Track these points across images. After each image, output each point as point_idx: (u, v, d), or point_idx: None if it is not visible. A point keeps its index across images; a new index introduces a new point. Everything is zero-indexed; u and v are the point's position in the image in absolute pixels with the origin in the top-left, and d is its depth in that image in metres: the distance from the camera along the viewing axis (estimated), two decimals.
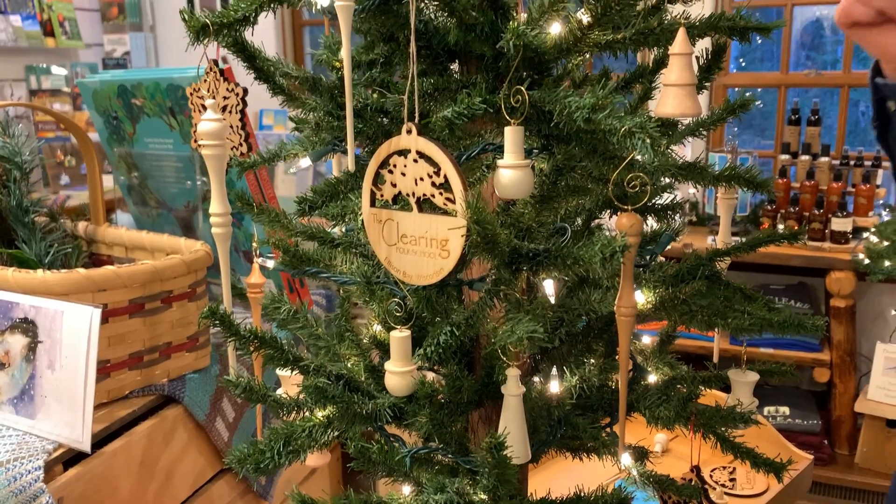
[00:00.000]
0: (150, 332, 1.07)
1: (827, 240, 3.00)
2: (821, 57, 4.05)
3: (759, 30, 0.85)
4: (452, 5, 0.68)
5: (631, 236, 0.70)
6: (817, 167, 3.08)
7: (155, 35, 3.96)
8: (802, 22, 3.86)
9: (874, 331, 3.25)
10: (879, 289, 3.12)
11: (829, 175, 3.06)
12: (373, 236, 0.78)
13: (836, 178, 3.02)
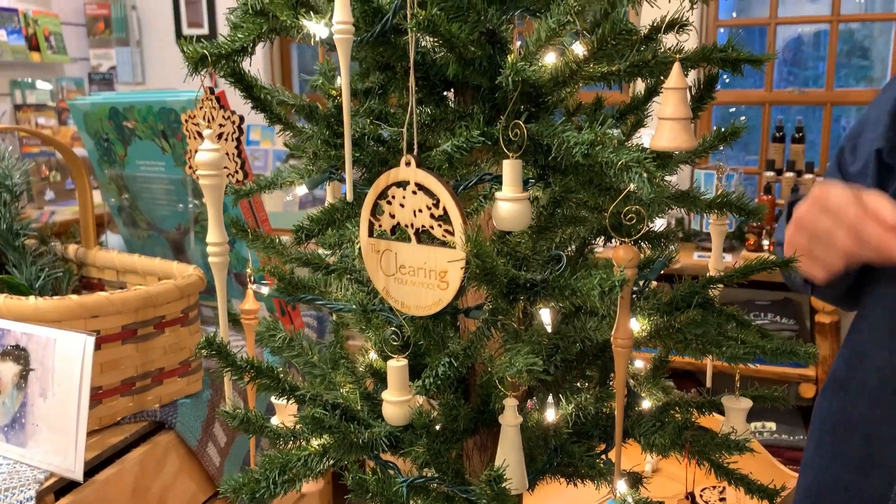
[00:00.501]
0: (143, 357, 1.07)
1: None
2: (802, 73, 4.11)
3: (751, 61, 0.87)
4: (452, 42, 0.69)
5: (629, 269, 0.71)
6: (802, 184, 3.11)
7: (141, 50, 3.95)
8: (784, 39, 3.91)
9: None
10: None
11: None
12: (371, 266, 0.78)
13: None
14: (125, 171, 1.36)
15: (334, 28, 0.73)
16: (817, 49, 4.03)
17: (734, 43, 0.90)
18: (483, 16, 0.73)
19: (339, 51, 0.75)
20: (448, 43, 0.70)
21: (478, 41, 0.73)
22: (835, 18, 3.38)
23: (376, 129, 0.85)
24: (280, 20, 0.77)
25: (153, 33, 3.94)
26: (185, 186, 1.28)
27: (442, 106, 0.84)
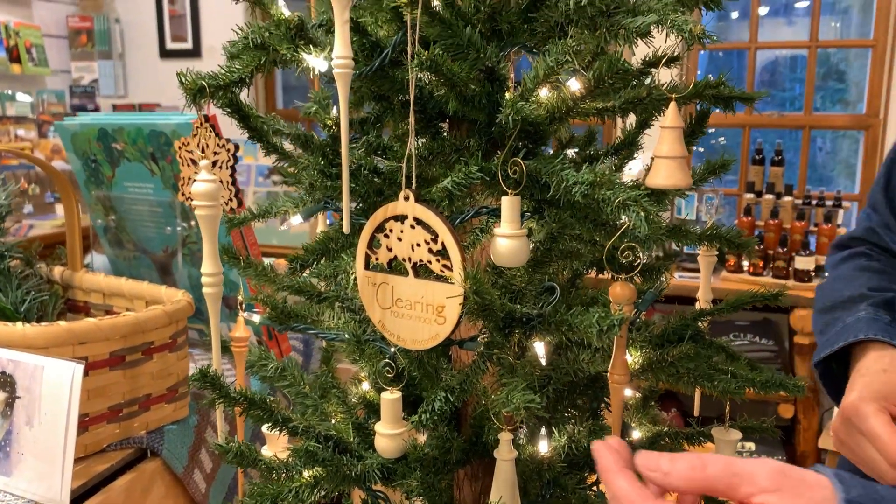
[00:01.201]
0: (130, 384, 1.06)
1: (791, 277, 3.07)
2: (779, 94, 4.17)
3: (743, 99, 0.88)
4: (453, 80, 0.70)
5: (626, 306, 0.71)
6: (781, 206, 3.16)
7: (124, 63, 3.93)
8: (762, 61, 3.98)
9: None
10: None
11: (793, 214, 3.14)
12: (366, 299, 0.78)
13: (800, 217, 3.10)
14: (112, 192, 1.34)
15: (334, 62, 0.74)
16: (794, 70, 4.10)
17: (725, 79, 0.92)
18: (482, 53, 0.74)
19: (339, 85, 0.75)
20: (449, 82, 0.70)
21: (477, 79, 0.74)
22: (813, 44, 3.44)
23: (372, 161, 0.85)
24: (280, 53, 0.77)
25: (136, 47, 3.92)
26: (174, 209, 1.28)
27: (439, 139, 0.84)
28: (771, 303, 0.95)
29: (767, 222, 3.15)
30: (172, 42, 3.80)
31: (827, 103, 3.79)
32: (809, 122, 3.46)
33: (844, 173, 3.93)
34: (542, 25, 0.79)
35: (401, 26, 0.80)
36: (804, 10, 3.69)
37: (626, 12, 0.74)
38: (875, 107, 3.35)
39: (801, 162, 3.50)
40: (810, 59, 3.46)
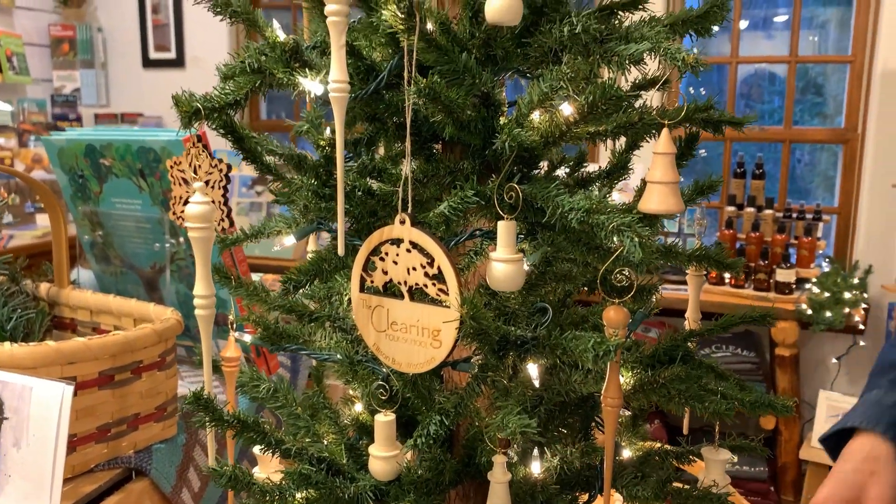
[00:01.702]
0: (119, 403, 1.05)
1: (772, 290, 3.10)
2: (758, 105, 4.23)
3: (732, 123, 0.90)
4: (450, 107, 0.70)
5: (620, 330, 0.72)
6: (762, 219, 3.19)
7: (106, 73, 3.90)
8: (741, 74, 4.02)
9: (816, 378, 3.36)
10: (821, 338, 3.23)
11: (773, 227, 3.17)
12: (361, 322, 0.78)
13: (780, 230, 3.13)
14: (100, 207, 1.34)
15: (330, 86, 0.74)
16: (773, 83, 4.15)
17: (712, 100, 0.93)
18: (478, 79, 0.74)
19: (335, 109, 0.75)
20: (446, 109, 0.71)
21: (472, 104, 0.75)
22: (793, 59, 3.49)
23: (366, 182, 0.86)
24: (276, 77, 0.77)
25: (119, 56, 3.90)
26: (162, 225, 1.27)
27: (433, 161, 0.85)
28: (759, 324, 0.96)
29: (749, 235, 3.18)
30: (156, 52, 3.78)
31: (805, 116, 3.84)
32: (789, 135, 3.51)
33: (823, 185, 3.98)
34: (535, 50, 0.80)
35: (396, 50, 0.81)
36: (783, 24, 3.74)
37: (619, 39, 0.75)
38: (853, 121, 3.40)
39: (782, 175, 3.55)
40: (790, 74, 3.51)
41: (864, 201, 3.29)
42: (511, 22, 0.73)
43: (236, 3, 0.82)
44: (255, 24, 0.84)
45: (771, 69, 3.95)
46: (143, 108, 3.87)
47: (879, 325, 3.20)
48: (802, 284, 3.09)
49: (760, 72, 4.19)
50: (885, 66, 3.18)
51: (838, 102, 3.63)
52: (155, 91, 3.86)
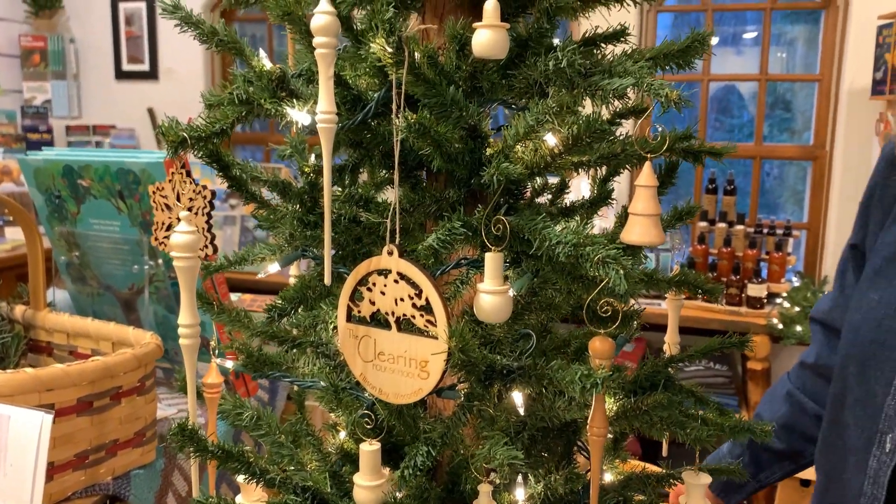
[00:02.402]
0: (98, 430, 1.04)
1: (743, 304, 3.15)
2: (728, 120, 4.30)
3: (713, 154, 0.91)
4: (439, 142, 0.71)
5: (605, 360, 0.73)
6: (733, 235, 3.24)
7: (79, 84, 3.86)
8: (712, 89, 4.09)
9: None
10: (792, 352, 3.28)
11: (745, 242, 3.22)
12: (348, 351, 0.78)
13: (751, 245, 3.18)
14: (77, 228, 1.32)
15: (318, 117, 0.74)
16: (741, 98, 4.22)
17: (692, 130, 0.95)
18: (465, 112, 0.75)
19: (323, 140, 0.76)
20: (435, 143, 0.71)
21: (460, 136, 0.75)
22: (763, 77, 3.56)
23: (353, 210, 0.86)
24: (264, 108, 0.77)
25: (91, 68, 3.86)
26: (141, 247, 1.26)
27: (418, 189, 0.85)
28: (738, 349, 0.98)
29: (721, 250, 3.23)
30: (129, 63, 3.75)
31: (774, 131, 3.91)
32: (760, 152, 3.57)
33: (792, 199, 4.05)
34: (520, 82, 0.81)
35: (383, 81, 0.81)
36: (752, 41, 3.81)
37: (603, 72, 0.76)
38: (822, 138, 3.47)
39: (752, 191, 3.61)
40: (760, 92, 3.57)
41: (833, 217, 3.36)
42: (498, 56, 0.74)
43: (222, 31, 0.82)
44: (241, 52, 0.84)
45: (741, 85, 4.02)
46: (116, 120, 3.83)
47: None
48: (773, 299, 3.14)
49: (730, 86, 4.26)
50: (852, 86, 3.26)
51: (806, 118, 3.70)
52: (128, 103, 3.83)
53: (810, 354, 1.26)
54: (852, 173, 3.27)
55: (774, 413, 1.25)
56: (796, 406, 1.23)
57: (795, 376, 1.27)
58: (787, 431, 1.22)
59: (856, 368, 0.82)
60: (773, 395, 1.29)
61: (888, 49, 2.86)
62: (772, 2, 3.51)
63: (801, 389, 1.24)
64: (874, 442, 0.73)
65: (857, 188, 3.22)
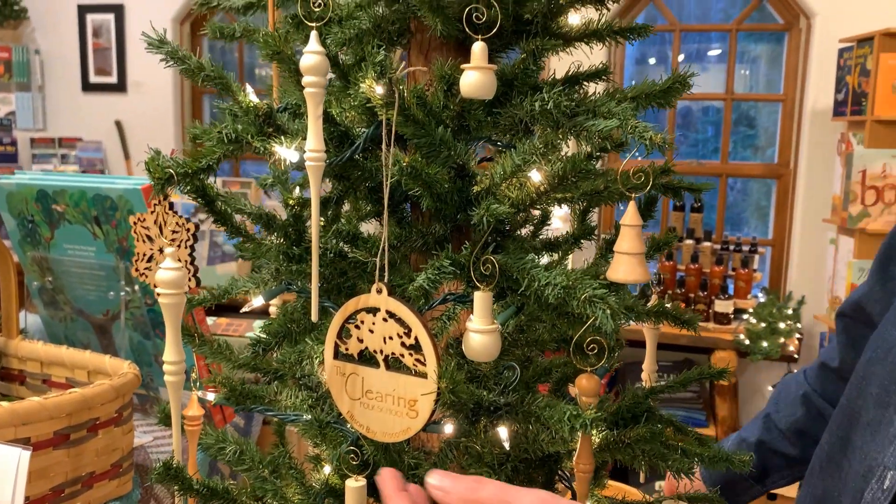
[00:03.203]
0: (74, 463, 1.02)
1: (711, 320, 3.20)
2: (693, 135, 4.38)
3: (692, 190, 0.94)
4: (429, 183, 0.71)
5: (591, 398, 0.74)
6: (701, 251, 3.30)
7: (44, 96, 3.79)
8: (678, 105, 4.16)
9: (754, 406, 3.47)
10: (758, 366, 3.34)
11: (712, 259, 3.28)
12: (335, 389, 0.78)
13: (718, 262, 3.24)
14: (50, 253, 1.30)
15: (306, 155, 0.75)
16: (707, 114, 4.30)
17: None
18: (453, 151, 0.76)
19: (311, 177, 0.76)
20: (425, 184, 0.72)
21: (448, 176, 0.76)
22: (729, 96, 3.63)
23: (338, 245, 0.86)
24: (252, 146, 0.78)
25: (57, 79, 3.80)
26: (118, 273, 1.25)
27: (405, 225, 0.86)
28: (717, 379, 1.00)
29: (688, 266, 3.28)
30: (96, 75, 3.70)
31: (738, 148, 3.98)
32: (726, 170, 3.64)
33: (756, 215, 4.13)
34: (506, 120, 0.82)
35: (371, 118, 0.82)
36: (716, 58, 3.89)
37: (587, 112, 0.78)
38: (786, 157, 3.55)
39: (719, 209, 3.67)
40: (726, 111, 3.64)
41: (797, 234, 3.43)
42: (485, 97, 0.75)
43: (209, 67, 0.82)
44: (227, 87, 0.83)
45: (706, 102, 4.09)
46: (82, 133, 3.77)
47: (812, 354, 3.33)
48: (740, 315, 3.20)
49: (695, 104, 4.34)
50: (815, 106, 3.34)
51: (769, 135, 3.78)
52: (95, 115, 3.78)
53: (833, 357, 1.15)
54: (815, 191, 3.35)
55: (789, 416, 1.17)
56: (813, 410, 1.15)
57: (814, 378, 1.18)
58: (800, 437, 1.15)
59: (877, 389, 0.75)
60: (787, 396, 1.20)
61: (849, 71, 2.94)
62: (737, 23, 3.59)
63: (821, 393, 1.16)
64: (874, 473, 0.70)
65: (819, 206, 3.30)
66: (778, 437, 1.16)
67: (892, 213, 2.80)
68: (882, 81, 2.75)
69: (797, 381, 1.19)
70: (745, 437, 1.21)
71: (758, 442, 1.17)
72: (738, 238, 3.43)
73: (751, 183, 3.95)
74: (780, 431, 1.16)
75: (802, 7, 3.34)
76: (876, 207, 2.81)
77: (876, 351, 0.77)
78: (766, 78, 3.87)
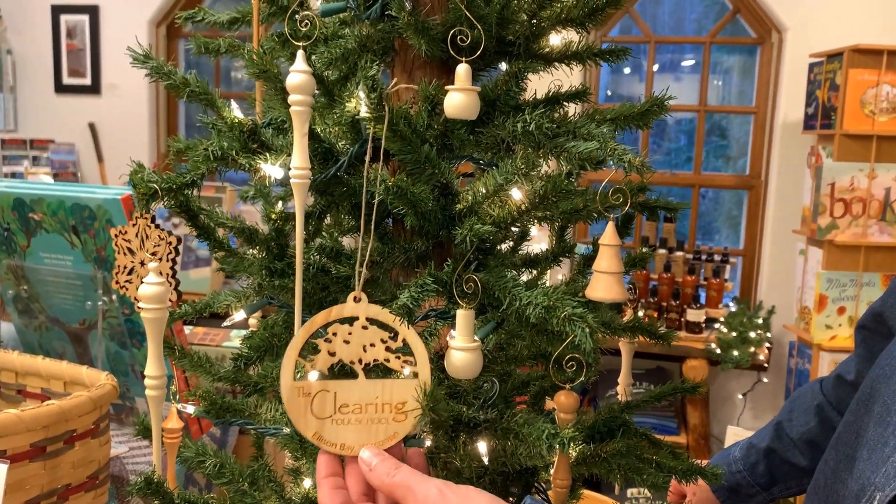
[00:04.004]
0: (50, 476, 1.01)
1: (683, 329, 3.24)
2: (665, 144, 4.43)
3: (668, 209, 0.96)
4: (414, 201, 0.73)
5: (569, 414, 0.75)
6: (673, 261, 3.34)
7: (15, 97, 3.74)
8: None
9: (724, 414, 3.52)
10: (728, 375, 3.39)
11: (684, 269, 3.32)
12: (295, 413, 0.72)
13: (690, 271, 3.28)
14: (26, 262, 1.29)
15: (292, 172, 0.75)
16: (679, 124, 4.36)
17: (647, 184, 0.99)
18: (437, 170, 0.77)
19: (296, 194, 0.76)
20: (411, 203, 0.73)
21: (434, 196, 0.77)
22: (702, 108, 3.68)
23: (321, 260, 0.87)
24: (238, 163, 0.78)
25: (30, 80, 3.75)
26: (95, 283, 1.24)
27: (387, 241, 0.87)
28: (691, 394, 1.02)
29: (661, 276, 3.32)
30: (69, 77, 3.66)
31: (710, 158, 4.04)
32: (699, 181, 3.69)
33: (727, 224, 4.19)
34: (488, 139, 0.84)
35: (355, 135, 0.83)
36: (690, 69, 3.94)
37: (568, 133, 0.79)
38: (757, 168, 3.61)
39: (691, 219, 3.72)
40: (699, 123, 3.70)
41: (767, 245, 3.49)
42: (469, 117, 0.77)
43: (194, 82, 0.82)
44: (212, 103, 0.84)
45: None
46: (55, 135, 3.73)
47: (781, 363, 3.38)
48: (711, 324, 3.25)
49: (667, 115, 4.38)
50: (786, 119, 3.40)
51: (741, 145, 3.85)
52: (68, 117, 3.73)
53: (850, 370, 1.14)
54: (785, 203, 3.41)
55: (801, 425, 1.16)
56: (826, 422, 1.14)
57: (830, 389, 1.16)
58: (812, 448, 1.14)
59: (880, 408, 0.74)
60: (802, 405, 1.18)
61: (819, 86, 3.01)
62: (711, 36, 3.64)
63: (835, 405, 1.14)
64: (866, 493, 0.70)
65: (789, 217, 3.36)
66: (789, 445, 1.16)
67: (860, 225, 2.86)
68: (851, 96, 2.81)
69: (812, 391, 1.18)
70: (754, 444, 1.20)
71: (767, 449, 1.17)
72: (711, 248, 3.48)
73: (722, 193, 4.01)
74: (792, 441, 1.15)
75: (774, 21, 3.41)
76: (844, 220, 2.87)
77: (884, 368, 0.77)
78: (737, 89, 3.93)
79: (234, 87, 4.19)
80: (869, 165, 2.82)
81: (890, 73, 2.80)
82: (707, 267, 3.33)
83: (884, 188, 2.85)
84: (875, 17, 3.20)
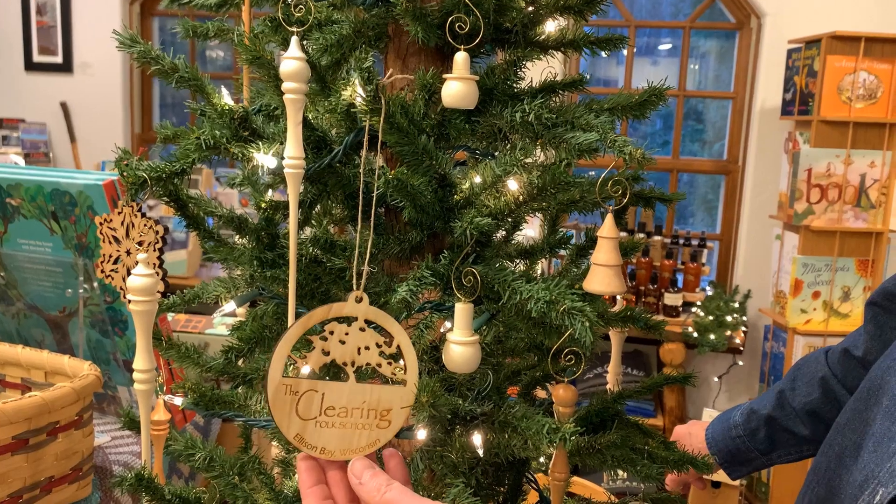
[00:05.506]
0: (33, 468, 0.99)
1: (660, 312, 3.26)
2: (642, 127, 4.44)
3: (662, 200, 0.95)
4: (413, 195, 0.71)
5: (568, 408, 0.75)
6: (651, 245, 3.35)
7: None
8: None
9: (700, 397, 3.56)
10: (705, 358, 3.43)
11: (662, 253, 3.34)
12: (279, 412, 0.69)
13: (668, 255, 3.30)
14: (3, 248, 1.26)
15: (285, 162, 0.74)
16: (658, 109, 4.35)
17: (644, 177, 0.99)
18: (435, 161, 0.76)
19: (290, 184, 0.75)
20: (410, 196, 0.72)
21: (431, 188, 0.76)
22: (681, 93, 3.69)
23: (313, 251, 0.85)
24: (230, 152, 0.76)
25: None
26: (76, 270, 1.21)
27: (381, 231, 0.85)
28: (682, 384, 1.02)
29: (639, 260, 3.34)
30: (40, 55, 3.56)
31: (686, 142, 4.06)
32: (677, 165, 3.71)
33: (703, 208, 4.21)
34: (485, 128, 0.83)
35: (350, 125, 0.81)
36: (667, 52, 3.94)
37: (566, 124, 0.78)
38: (735, 154, 3.63)
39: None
40: (678, 108, 3.70)
41: (744, 230, 3.52)
42: (467, 106, 0.76)
43: (184, 68, 0.80)
44: (202, 89, 0.82)
45: None
46: (25, 114, 3.64)
47: (756, 346, 3.43)
48: (688, 308, 3.27)
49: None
50: (764, 105, 3.42)
51: (717, 129, 3.86)
52: (38, 96, 3.64)
53: (858, 345, 1.13)
54: (762, 188, 3.44)
55: (805, 396, 1.16)
56: (830, 395, 1.14)
57: (836, 363, 1.16)
58: (814, 419, 1.15)
59: (889, 402, 0.73)
60: (806, 374, 1.18)
61: (797, 72, 3.02)
62: (690, 21, 3.65)
63: (840, 379, 1.14)
64: (869, 485, 0.69)
65: (766, 202, 3.39)
66: (791, 415, 1.16)
67: (836, 210, 2.89)
68: (828, 83, 2.83)
69: (818, 362, 1.18)
70: (756, 409, 1.20)
71: (769, 417, 1.17)
72: (688, 232, 3.51)
73: (698, 177, 4.03)
74: (794, 410, 1.16)
75: (753, 7, 3.42)
76: (820, 205, 2.90)
77: (895, 360, 0.76)
78: (714, 73, 3.94)
79: (210, 67, 4.12)
80: (845, 152, 2.85)
81: (867, 60, 2.82)
82: (685, 251, 3.35)
83: (859, 174, 2.88)
84: (853, 4, 3.22)
